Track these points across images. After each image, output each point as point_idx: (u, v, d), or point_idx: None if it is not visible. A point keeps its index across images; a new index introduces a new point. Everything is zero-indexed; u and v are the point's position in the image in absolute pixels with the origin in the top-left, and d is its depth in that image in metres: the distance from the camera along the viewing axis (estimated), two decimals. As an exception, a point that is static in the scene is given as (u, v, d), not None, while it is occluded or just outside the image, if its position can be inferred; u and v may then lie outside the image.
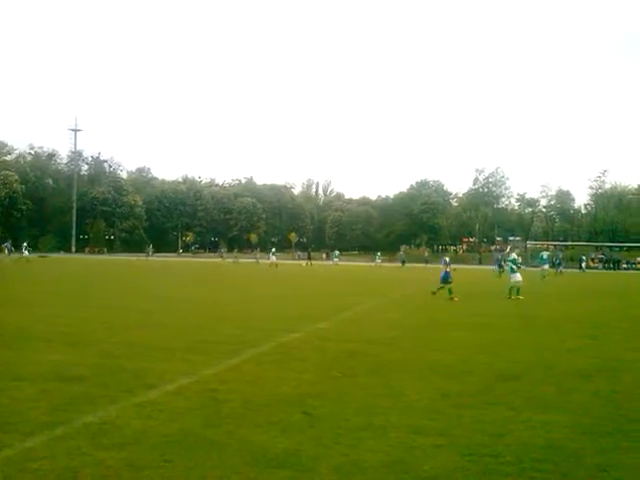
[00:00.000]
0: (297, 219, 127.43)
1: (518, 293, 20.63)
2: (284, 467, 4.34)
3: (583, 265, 59.81)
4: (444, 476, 4.22)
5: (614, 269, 67.79)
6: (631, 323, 14.54)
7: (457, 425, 5.46)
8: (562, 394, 6.81)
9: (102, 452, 4.54)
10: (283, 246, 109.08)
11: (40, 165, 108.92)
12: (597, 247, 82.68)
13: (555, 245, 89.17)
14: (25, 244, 53.86)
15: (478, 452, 4.72)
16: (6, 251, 43.63)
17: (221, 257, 73.81)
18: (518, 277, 20.93)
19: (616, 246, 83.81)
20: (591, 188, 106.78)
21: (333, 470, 4.30)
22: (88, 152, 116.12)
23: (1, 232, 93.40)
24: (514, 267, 21.32)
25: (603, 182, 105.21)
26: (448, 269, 21.06)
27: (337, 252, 69.73)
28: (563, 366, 8.51)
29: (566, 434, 5.27)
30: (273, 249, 60.24)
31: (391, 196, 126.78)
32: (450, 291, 20.14)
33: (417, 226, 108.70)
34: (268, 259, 54.36)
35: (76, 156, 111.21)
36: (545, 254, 39.89)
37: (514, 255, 22.72)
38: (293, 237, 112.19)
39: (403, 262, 66.54)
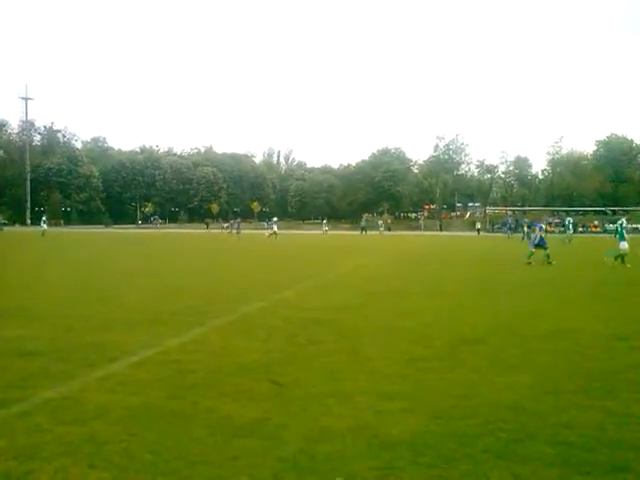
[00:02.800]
0: (259, 188, 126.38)
1: (623, 261, 20.40)
2: (252, 436, 4.29)
3: (571, 229, 61.11)
4: (413, 439, 4.23)
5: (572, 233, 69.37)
6: (589, 285, 14.92)
7: (423, 389, 5.49)
8: (525, 356, 6.93)
9: (63, 428, 4.40)
10: (245, 216, 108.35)
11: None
12: (554, 212, 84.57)
13: (513, 211, 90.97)
14: (44, 217, 53.43)
15: (445, 415, 4.75)
16: (44, 225, 42.70)
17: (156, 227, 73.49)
18: (625, 245, 20.66)
19: (572, 210, 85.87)
20: (548, 154, 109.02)
21: (302, 437, 4.27)
22: (40, 122, 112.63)
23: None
24: (623, 234, 20.87)
25: (560, 148, 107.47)
26: (543, 234, 21.71)
27: (275, 218, 64.27)
28: (526, 329, 8.66)
29: (530, 394, 5.35)
30: (275, 218, 58.18)
31: (353, 164, 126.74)
32: (548, 256, 20.87)
33: (379, 194, 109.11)
34: (269, 229, 52.26)
35: (28, 126, 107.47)
36: (568, 219, 41.43)
37: (623, 221, 22.53)
38: (256, 207, 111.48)
39: (363, 229, 66.90)
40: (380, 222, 79.31)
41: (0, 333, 7.95)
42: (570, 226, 43.17)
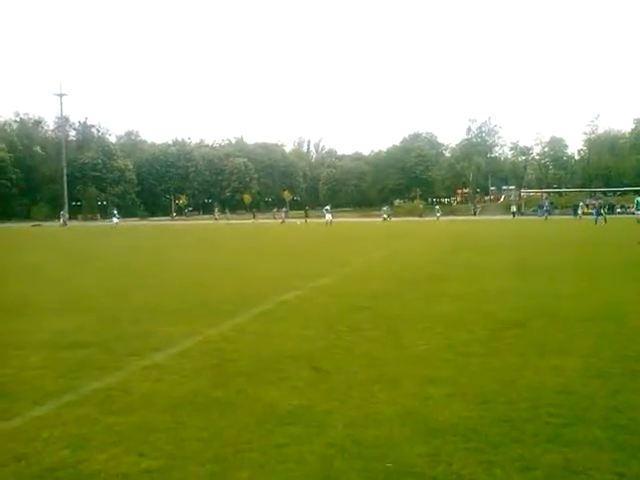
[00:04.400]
0: (290, 177, 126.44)
1: None
2: (297, 423, 4.30)
3: (579, 211, 60.00)
4: (460, 425, 4.19)
5: (609, 214, 67.92)
6: (628, 266, 14.56)
7: (467, 374, 5.43)
8: (569, 339, 6.80)
9: (112, 417, 4.49)
10: (276, 205, 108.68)
11: (27, 132, 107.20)
12: (591, 193, 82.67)
13: (549, 192, 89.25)
14: (115, 211, 54.91)
15: (492, 400, 4.69)
16: (61, 220, 43.68)
17: (215, 218, 73.50)
18: None
19: (610, 191, 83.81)
20: (584, 134, 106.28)
21: (347, 424, 4.26)
22: (75, 117, 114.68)
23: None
24: None
25: (596, 127, 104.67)
26: None
27: (328, 207, 64.97)
28: (566, 311, 8.50)
29: (576, 378, 5.25)
30: (327, 207, 56.96)
31: (384, 150, 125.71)
32: None
33: (410, 179, 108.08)
34: (323, 217, 52.50)
35: (63, 122, 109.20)
36: (638, 199, 39.71)
37: None
38: (287, 195, 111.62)
39: (386, 217, 66.80)
40: (420, 206, 78.81)
41: (48, 325, 8.14)
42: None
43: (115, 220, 53.27)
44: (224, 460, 3.73)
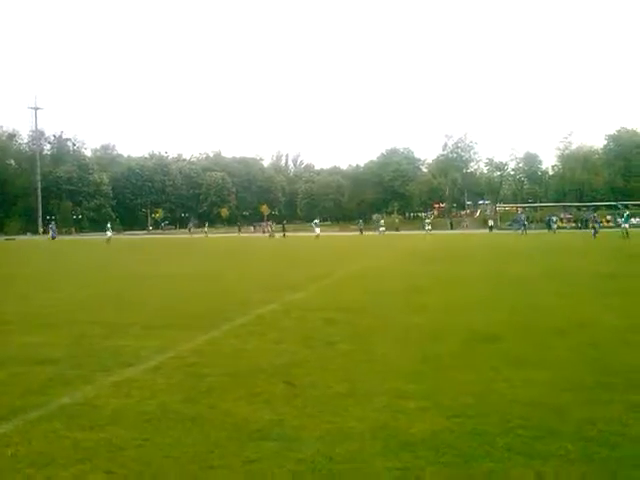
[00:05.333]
0: (268, 192, 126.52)
1: None
2: (269, 439, 4.25)
3: (554, 225, 61.02)
4: (432, 439, 4.18)
5: (583, 228, 69.08)
6: (598, 280, 14.76)
7: (440, 387, 5.43)
8: (542, 352, 6.85)
9: (80, 433, 4.39)
10: (254, 219, 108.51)
11: (1, 146, 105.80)
12: (565, 207, 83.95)
13: (524, 207, 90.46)
14: (109, 225, 54.70)
15: (464, 413, 4.69)
16: (50, 232, 43.08)
17: (189, 232, 73.42)
18: None
19: (584, 206, 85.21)
20: (558, 149, 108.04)
21: (319, 439, 4.23)
22: (50, 131, 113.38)
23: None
24: None
25: (569, 143, 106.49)
26: None
27: (317, 220, 65.27)
28: (540, 324, 8.57)
29: (548, 390, 5.28)
30: (316, 220, 57.90)
31: (361, 165, 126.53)
32: None
33: (388, 194, 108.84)
34: (313, 231, 53.07)
35: (38, 135, 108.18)
36: (627, 213, 41.32)
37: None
38: (265, 210, 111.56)
39: (361, 231, 67.76)
40: (397, 221, 79.43)
41: (15, 340, 7.98)
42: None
43: (109, 233, 53.47)
44: (193, 477, 3.67)
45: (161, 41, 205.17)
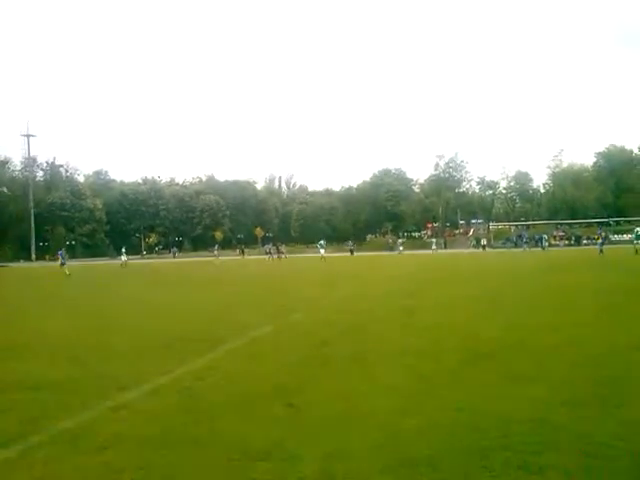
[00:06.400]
0: (262, 214, 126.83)
1: None
2: (269, 459, 4.28)
3: (545, 243, 61.38)
4: (432, 457, 4.21)
5: (575, 245, 69.50)
6: (593, 296, 14.85)
7: (437, 405, 5.47)
8: (538, 368, 6.89)
9: (80, 457, 4.41)
10: (248, 242, 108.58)
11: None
12: (557, 225, 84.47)
13: (517, 225, 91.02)
14: (123, 249, 55.13)
15: (462, 430, 4.73)
16: (60, 259, 42.75)
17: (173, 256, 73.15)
18: None
19: (575, 223, 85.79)
20: (549, 167, 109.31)
21: (319, 458, 4.25)
22: (43, 158, 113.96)
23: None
24: None
25: (560, 161, 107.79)
26: None
27: (322, 241, 60.66)
28: (535, 341, 8.62)
29: (546, 406, 5.32)
30: (322, 242, 57.39)
31: (354, 186, 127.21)
32: None
33: (381, 214, 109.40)
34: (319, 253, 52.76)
35: (30, 162, 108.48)
36: (637, 229, 39.80)
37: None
38: (259, 232, 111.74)
39: (351, 252, 67.80)
40: (390, 241, 79.82)
41: (13, 366, 7.97)
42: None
43: (124, 258, 53.82)
44: (195, 499, 3.69)
45: (152, 67, 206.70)
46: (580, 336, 8.87)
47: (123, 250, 57.49)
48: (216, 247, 67.39)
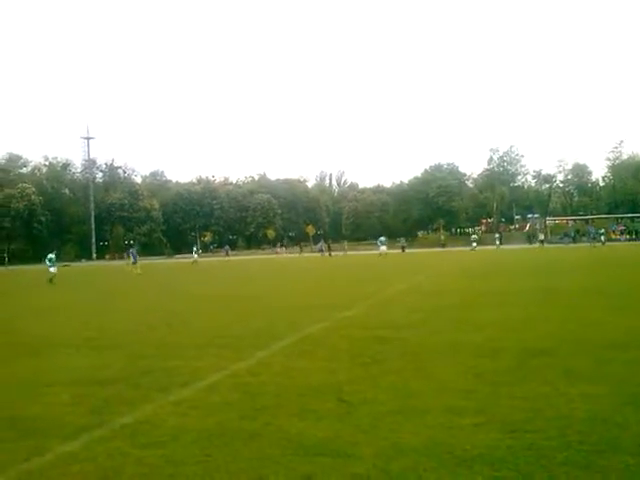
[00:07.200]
0: (313, 212, 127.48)
1: None
2: (324, 454, 4.31)
3: (602, 238, 59.52)
4: (488, 454, 4.15)
5: (637, 240, 66.98)
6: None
7: (494, 403, 5.38)
8: (598, 366, 6.70)
9: (142, 451, 4.55)
10: (300, 240, 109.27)
11: (56, 175, 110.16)
12: (618, 219, 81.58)
13: (574, 220, 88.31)
14: (195, 248, 57.76)
15: (520, 428, 4.64)
16: (131, 258, 44.65)
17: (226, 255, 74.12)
18: None
19: (637, 217, 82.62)
20: (608, 160, 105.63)
21: (374, 455, 4.25)
22: (102, 159, 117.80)
23: (24, 244, 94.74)
24: None
25: (620, 153, 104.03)
26: None
27: (382, 238, 57.46)
28: (595, 338, 8.37)
29: (607, 405, 5.17)
30: (382, 238, 54.62)
31: (405, 182, 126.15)
32: None
33: (433, 210, 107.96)
34: (378, 249, 52.17)
35: (90, 164, 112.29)
36: None
37: None
38: (311, 230, 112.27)
39: (403, 248, 67.07)
40: (442, 237, 79.15)
41: (76, 363, 8.29)
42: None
43: (195, 256, 55.68)
44: (252, 492, 3.75)
45: (207, 69, 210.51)
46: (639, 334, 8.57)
47: (194, 249, 59.47)
48: (278, 246, 70.51)
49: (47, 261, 33.25)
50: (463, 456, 4.16)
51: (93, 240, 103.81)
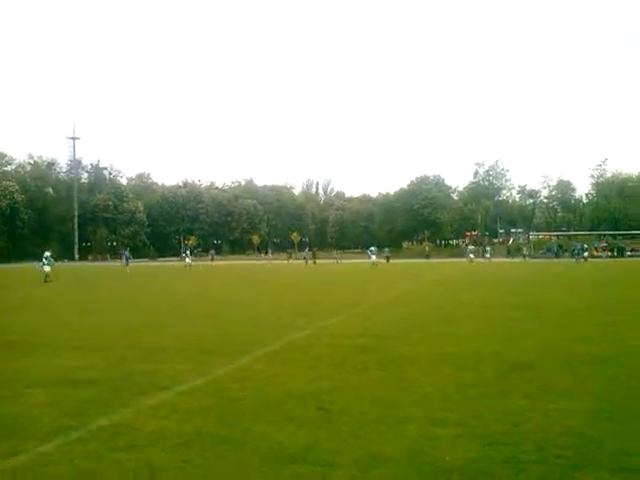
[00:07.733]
0: (298, 219, 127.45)
1: None
2: (303, 462, 4.30)
3: (585, 254, 60.06)
4: (466, 466, 4.17)
5: (618, 257, 67.73)
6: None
7: (474, 415, 5.40)
8: (577, 381, 6.76)
9: (119, 454, 4.50)
10: (285, 246, 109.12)
11: (40, 174, 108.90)
12: (600, 236, 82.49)
13: (557, 236, 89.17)
14: (187, 251, 57.07)
15: (498, 441, 4.66)
16: (124, 259, 43.98)
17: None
18: None
19: (619, 234, 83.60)
20: (592, 177, 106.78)
21: (353, 463, 4.25)
22: (87, 160, 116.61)
23: (5, 242, 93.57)
24: None
25: (604, 170, 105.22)
26: None
27: (373, 247, 56.85)
28: (575, 354, 8.44)
29: (584, 420, 5.21)
30: (372, 248, 54.51)
31: (392, 192, 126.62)
32: None
33: (418, 222, 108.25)
34: (369, 258, 51.25)
35: (75, 164, 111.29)
36: None
37: None
38: (295, 237, 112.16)
39: (387, 258, 67.03)
40: (427, 249, 78.99)
41: (55, 363, 8.20)
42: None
43: (188, 260, 55.13)
44: (230, 499, 3.73)
45: (194, 72, 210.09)
46: (621, 351, 8.66)
47: (188, 252, 58.80)
48: (269, 252, 70.41)
49: (43, 259, 32.87)
50: (442, 467, 4.17)
51: (76, 240, 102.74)
